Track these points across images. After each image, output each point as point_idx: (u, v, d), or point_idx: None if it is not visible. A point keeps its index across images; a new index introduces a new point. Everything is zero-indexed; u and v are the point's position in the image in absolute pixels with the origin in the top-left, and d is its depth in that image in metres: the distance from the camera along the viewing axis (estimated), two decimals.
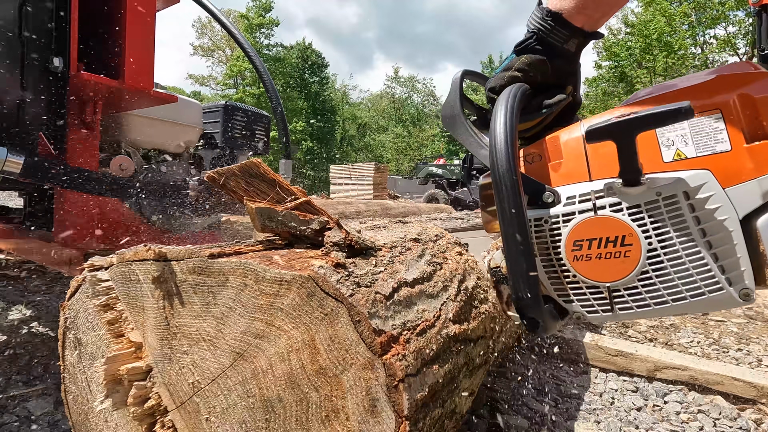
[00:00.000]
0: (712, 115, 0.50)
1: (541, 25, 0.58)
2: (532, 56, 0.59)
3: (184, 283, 0.53)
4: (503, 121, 0.51)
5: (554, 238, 0.54)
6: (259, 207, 0.55)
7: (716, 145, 0.49)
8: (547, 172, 0.57)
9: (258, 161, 0.58)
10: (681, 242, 0.49)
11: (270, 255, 0.53)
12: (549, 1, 0.59)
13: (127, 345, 0.58)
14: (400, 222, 0.97)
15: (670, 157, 0.51)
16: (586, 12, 0.56)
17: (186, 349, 0.54)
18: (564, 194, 0.54)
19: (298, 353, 0.48)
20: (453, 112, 0.66)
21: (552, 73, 0.60)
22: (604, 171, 0.53)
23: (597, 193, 0.52)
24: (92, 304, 0.60)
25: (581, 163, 0.55)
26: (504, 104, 0.53)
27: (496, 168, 0.49)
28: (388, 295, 0.54)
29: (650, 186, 0.49)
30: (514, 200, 0.49)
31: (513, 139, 0.50)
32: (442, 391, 0.59)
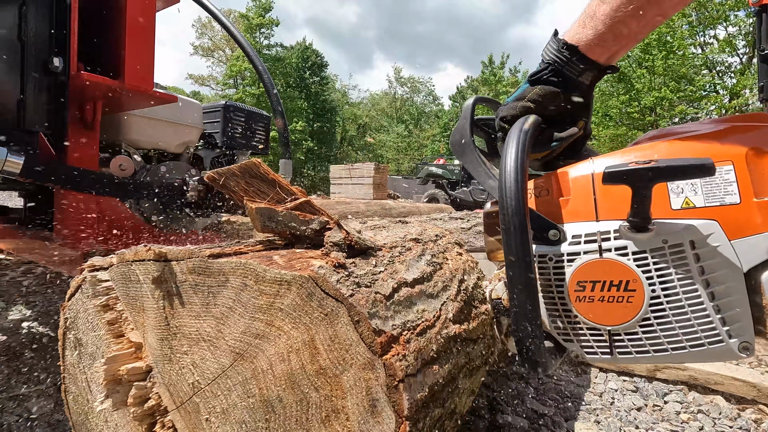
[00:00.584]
0: (724, 166, 0.50)
1: (557, 57, 0.58)
2: (546, 87, 0.59)
3: (184, 283, 0.53)
4: (514, 158, 0.51)
5: (558, 276, 0.54)
6: (259, 207, 0.55)
7: (725, 196, 0.49)
8: (554, 208, 0.56)
9: (258, 161, 0.58)
10: (684, 292, 0.49)
11: (270, 255, 0.53)
12: (566, 33, 0.59)
13: (127, 345, 0.58)
14: (401, 222, 0.97)
15: (678, 204, 0.51)
16: (605, 45, 0.55)
17: (186, 349, 0.54)
18: (570, 232, 0.54)
19: (298, 353, 0.48)
20: (463, 140, 0.65)
21: (565, 105, 0.59)
22: (611, 212, 0.52)
23: (603, 235, 0.52)
24: (92, 304, 0.60)
25: (589, 202, 0.54)
26: (516, 140, 0.53)
27: (505, 206, 0.49)
28: (388, 295, 0.54)
29: (658, 233, 0.49)
30: (521, 242, 0.48)
31: (524, 177, 0.50)
32: (443, 392, 0.59)
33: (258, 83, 22.65)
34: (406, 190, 11.07)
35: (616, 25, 0.53)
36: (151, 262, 0.55)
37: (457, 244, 0.93)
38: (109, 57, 1.35)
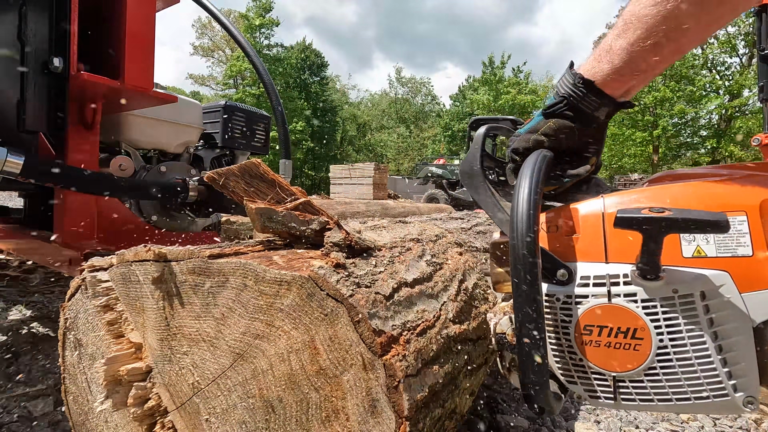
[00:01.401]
0: (737, 217, 0.49)
1: (572, 91, 0.57)
2: (561, 122, 0.58)
3: (184, 283, 0.53)
4: (527, 196, 0.50)
5: (565, 317, 0.53)
6: (259, 207, 0.55)
7: (738, 248, 0.49)
8: (563, 245, 0.55)
9: (258, 162, 0.58)
10: (692, 343, 0.48)
11: (270, 255, 0.52)
12: (582, 66, 0.58)
13: (127, 346, 0.58)
14: (401, 222, 0.97)
15: (690, 252, 0.50)
16: (622, 79, 0.54)
17: (186, 349, 0.54)
18: (578, 273, 0.53)
19: (298, 354, 0.48)
20: (473, 170, 0.64)
21: (578, 140, 0.59)
22: (621, 255, 0.52)
23: (612, 279, 0.51)
24: (92, 304, 0.60)
25: (599, 242, 0.53)
26: (529, 177, 0.52)
27: (516, 245, 0.48)
28: (388, 295, 0.54)
29: (668, 282, 0.48)
30: (532, 285, 0.47)
31: (536, 216, 0.49)
32: (443, 392, 0.59)
33: (258, 83, 22.65)
34: (406, 190, 11.07)
35: (633, 59, 0.52)
36: (151, 262, 0.55)
37: (457, 244, 0.93)
38: (109, 57, 1.35)
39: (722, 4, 0.47)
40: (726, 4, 0.47)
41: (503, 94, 26.68)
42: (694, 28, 0.48)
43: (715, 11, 0.47)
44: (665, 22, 0.48)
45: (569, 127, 0.58)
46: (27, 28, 1.21)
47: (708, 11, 0.47)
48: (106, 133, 1.61)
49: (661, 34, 0.49)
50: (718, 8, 0.47)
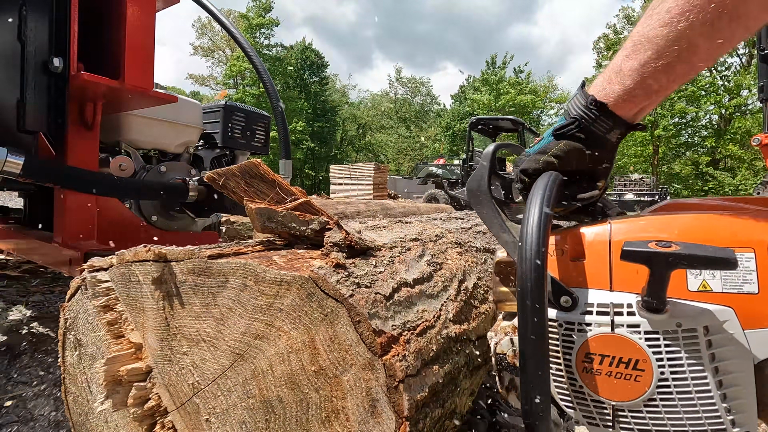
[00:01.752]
0: (745, 254, 0.49)
1: (584, 114, 0.56)
2: (572, 144, 0.57)
3: (183, 283, 0.53)
4: (536, 221, 0.49)
5: (566, 343, 0.53)
6: (258, 207, 0.55)
7: (744, 285, 0.48)
8: (568, 269, 0.55)
9: (258, 162, 0.58)
10: (693, 377, 0.48)
11: (270, 255, 0.52)
12: (592, 87, 0.57)
13: (127, 346, 0.58)
14: (400, 222, 0.97)
15: (695, 286, 0.49)
16: (634, 100, 0.53)
17: (186, 350, 0.54)
18: (582, 299, 0.53)
19: (298, 354, 0.48)
20: (480, 188, 0.64)
21: (589, 163, 0.58)
22: (626, 284, 0.51)
23: (616, 308, 0.51)
24: (92, 305, 0.60)
25: (604, 269, 0.53)
26: (539, 201, 0.51)
27: (523, 271, 0.47)
28: (388, 295, 0.54)
29: (672, 315, 0.48)
30: (537, 312, 0.46)
31: (545, 242, 0.48)
32: (443, 392, 0.59)
33: (258, 83, 22.65)
34: (406, 190, 11.07)
35: (645, 80, 0.51)
36: (150, 262, 0.55)
37: (457, 244, 0.93)
38: (109, 57, 1.35)
39: (734, 24, 0.45)
40: (738, 24, 0.45)
41: (503, 94, 26.69)
42: (706, 49, 0.47)
43: (726, 31, 0.46)
44: (676, 43, 0.47)
45: (580, 150, 0.57)
46: (27, 28, 1.21)
47: (719, 31, 0.46)
48: (106, 133, 1.61)
49: (672, 54, 0.48)
50: (729, 28, 0.45)
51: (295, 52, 26.79)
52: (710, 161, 19.92)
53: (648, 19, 0.50)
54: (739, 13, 0.44)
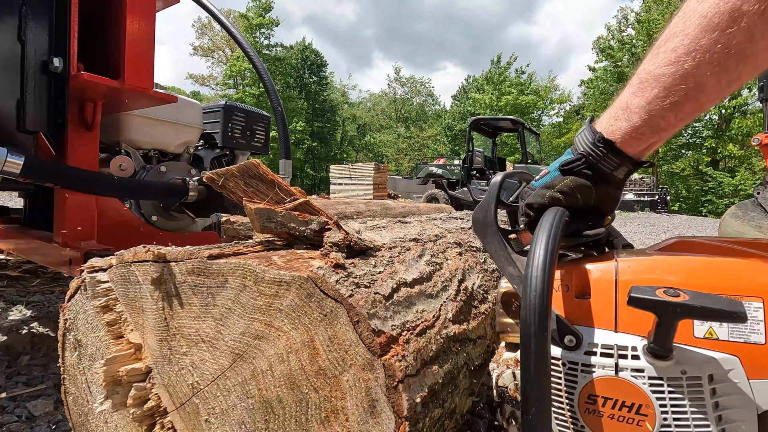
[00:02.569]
0: (753, 302, 0.48)
1: (591, 150, 0.55)
2: (578, 180, 0.56)
3: (183, 284, 0.53)
4: (542, 259, 0.48)
5: (569, 383, 0.52)
6: (258, 208, 0.55)
7: (751, 334, 0.48)
8: (573, 306, 0.54)
9: (257, 162, 0.57)
10: (695, 425, 0.48)
11: (269, 256, 0.52)
12: (600, 124, 0.56)
13: (126, 346, 0.58)
14: (400, 222, 0.97)
15: (701, 333, 0.49)
16: (641, 138, 0.52)
17: (185, 350, 0.54)
18: (586, 338, 0.52)
19: (298, 354, 0.48)
20: (486, 219, 0.63)
21: (595, 199, 0.57)
22: (631, 326, 0.51)
23: (621, 350, 0.50)
24: (92, 305, 0.60)
25: (609, 309, 0.52)
26: (545, 238, 0.50)
27: (528, 311, 0.47)
28: (387, 295, 0.54)
29: (678, 362, 0.48)
30: (541, 352, 0.46)
31: (550, 280, 0.48)
32: (442, 392, 0.59)
33: (258, 83, 22.65)
34: (406, 190, 11.08)
35: (653, 118, 0.50)
36: (150, 263, 0.55)
37: (456, 244, 0.93)
38: (109, 57, 1.35)
39: (742, 64, 0.44)
40: (746, 64, 0.44)
41: (506, 94, 26.72)
42: (714, 88, 0.46)
43: (734, 71, 0.45)
44: (683, 82, 0.46)
45: (587, 186, 0.56)
46: (27, 28, 1.21)
47: (727, 71, 0.45)
48: (106, 133, 1.61)
49: (680, 93, 0.47)
50: (737, 69, 0.44)
51: (295, 52, 26.81)
52: (710, 162, 19.91)
53: (654, 57, 0.49)
54: (746, 53, 0.43)
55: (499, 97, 26.70)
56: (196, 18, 27.91)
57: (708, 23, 0.43)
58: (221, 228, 2.10)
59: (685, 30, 0.45)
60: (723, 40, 0.43)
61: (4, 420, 1.02)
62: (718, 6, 0.43)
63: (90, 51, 1.35)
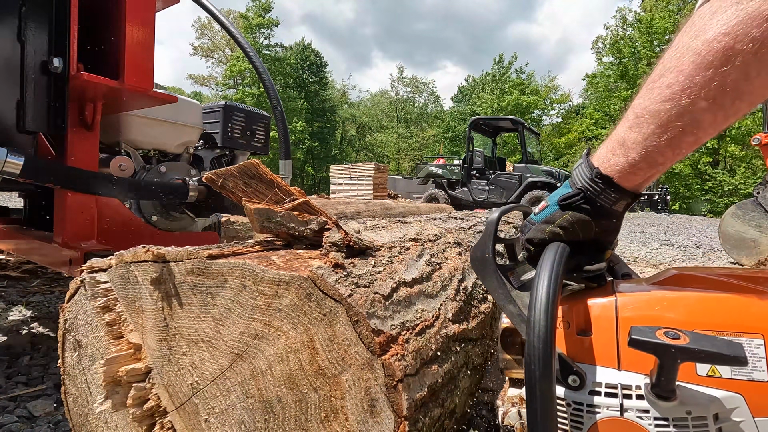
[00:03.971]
0: (754, 339, 0.48)
1: (589, 186, 0.55)
2: (578, 215, 0.57)
3: (182, 284, 0.53)
4: (545, 298, 0.48)
5: (575, 424, 0.52)
6: (257, 208, 0.55)
7: (753, 372, 0.48)
8: (574, 344, 0.54)
9: (257, 162, 0.57)
10: None
11: (269, 256, 0.52)
12: (598, 158, 0.56)
13: (126, 346, 0.58)
14: (400, 222, 0.97)
15: (704, 371, 0.49)
16: (639, 172, 0.52)
17: (185, 350, 0.54)
18: (590, 377, 0.52)
19: (297, 354, 0.48)
20: (485, 258, 0.62)
21: (595, 233, 0.58)
22: (634, 365, 0.51)
23: (625, 389, 0.50)
24: (91, 305, 0.60)
25: (611, 347, 0.52)
26: (547, 276, 0.50)
27: (532, 352, 0.46)
28: (386, 295, 0.54)
29: (682, 402, 0.47)
30: (546, 394, 0.45)
31: (554, 322, 0.47)
32: (442, 391, 0.59)
33: (258, 83, 22.65)
34: (406, 190, 11.07)
35: (650, 154, 0.50)
36: (149, 263, 0.55)
37: (456, 243, 0.93)
38: (108, 57, 1.35)
39: (738, 101, 0.44)
40: (742, 101, 0.44)
41: (508, 94, 26.74)
42: (711, 123, 0.46)
43: (730, 108, 0.45)
44: (679, 119, 0.46)
45: (586, 221, 0.56)
46: (27, 29, 1.21)
47: (723, 108, 0.45)
48: (106, 133, 1.61)
49: (677, 129, 0.47)
50: (733, 105, 0.44)
51: (294, 52, 26.83)
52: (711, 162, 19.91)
53: (649, 92, 0.49)
54: (742, 91, 0.43)
55: (500, 97, 26.73)
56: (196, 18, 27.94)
57: (702, 61, 0.43)
58: (221, 228, 2.10)
59: (680, 66, 0.45)
60: (718, 78, 0.43)
61: (4, 420, 1.02)
62: (711, 44, 0.42)
63: (90, 51, 1.35)
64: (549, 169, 9.34)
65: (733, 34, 0.41)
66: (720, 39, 0.42)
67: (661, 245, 5.58)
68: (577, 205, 0.56)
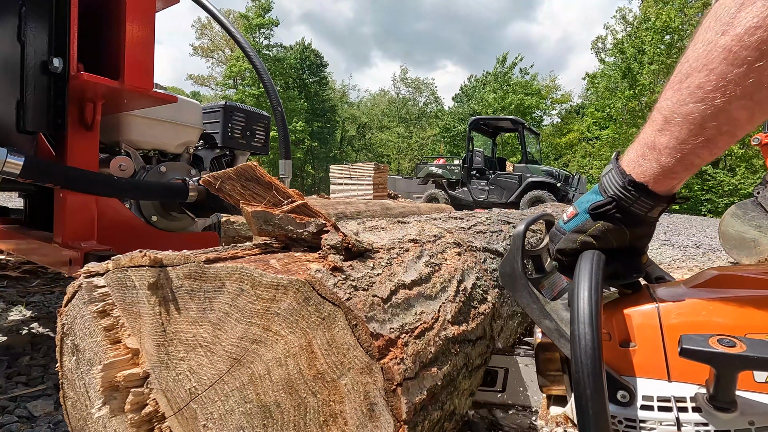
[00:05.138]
0: None
1: (622, 195, 0.53)
2: (610, 224, 0.55)
3: (180, 288, 0.53)
4: (588, 312, 0.45)
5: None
6: (255, 211, 0.55)
7: None
8: (618, 356, 0.51)
9: (254, 165, 0.57)
10: None
11: (267, 259, 0.52)
12: (627, 162, 0.54)
13: (124, 351, 0.58)
14: (399, 222, 0.97)
15: (763, 378, 0.46)
16: (674, 176, 0.50)
17: (183, 355, 0.54)
18: (639, 391, 0.49)
19: (296, 358, 0.48)
20: (514, 272, 0.61)
21: (630, 240, 0.56)
22: (686, 375, 0.48)
23: (679, 402, 0.47)
24: (89, 310, 0.60)
25: (658, 357, 0.49)
26: (587, 289, 0.48)
27: (581, 369, 0.44)
28: (385, 298, 0.54)
29: (743, 412, 0.45)
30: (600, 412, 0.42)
31: (599, 334, 0.45)
32: (441, 394, 0.59)
33: (258, 83, 22.65)
34: (406, 190, 11.06)
35: (686, 156, 0.48)
36: (146, 268, 0.55)
37: (455, 244, 0.93)
38: (108, 57, 1.34)
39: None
40: None
41: (511, 94, 26.74)
42: (748, 119, 0.44)
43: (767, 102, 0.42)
44: (715, 119, 0.44)
45: (620, 230, 0.55)
46: (27, 29, 1.20)
47: (760, 103, 0.42)
48: (106, 133, 1.61)
49: (712, 130, 0.45)
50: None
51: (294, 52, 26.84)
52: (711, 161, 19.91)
53: (677, 93, 0.46)
54: None
55: (503, 98, 26.72)
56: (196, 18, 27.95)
57: (734, 58, 0.41)
58: (221, 228, 2.10)
59: (709, 65, 0.43)
60: (753, 74, 0.41)
61: (4, 420, 1.02)
62: (743, 39, 0.40)
63: (90, 51, 1.34)
64: (549, 169, 9.34)
65: (765, 27, 0.39)
66: (752, 32, 0.39)
67: (661, 245, 5.57)
68: (610, 214, 0.54)
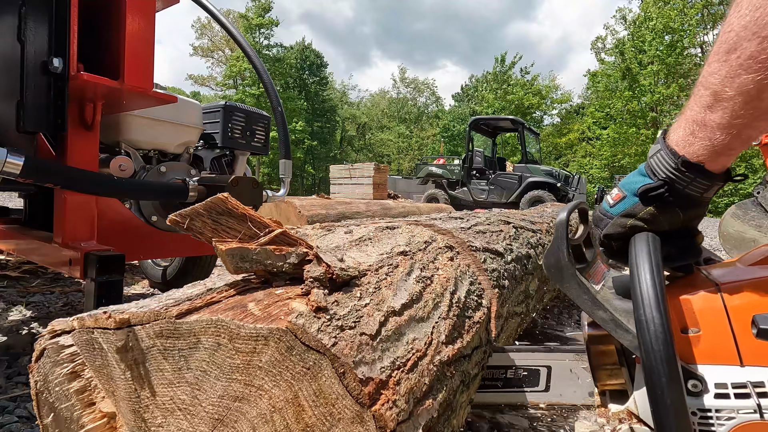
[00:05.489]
0: None
1: (676, 176, 0.50)
2: (664, 207, 0.52)
3: (151, 349, 0.48)
4: (653, 298, 0.43)
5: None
6: (229, 248, 0.49)
7: None
8: (680, 343, 0.48)
9: (225, 196, 0.51)
10: None
11: (245, 303, 0.48)
12: (675, 141, 0.51)
13: (99, 416, 0.53)
14: (388, 229, 0.90)
15: None
16: (731, 152, 0.48)
17: (161, 420, 0.49)
18: (710, 379, 0.46)
19: (282, 413, 0.44)
20: (560, 263, 0.57)
21: (683, 222, 0.53)
22: (760, 357, 0.45)
23: (757, 387, 0.44)
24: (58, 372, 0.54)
25: (727, 341, 0.46)
26: (649, 275, 0.45)
27: (654, 361, 0.41)
28: (374, 334, 0.51)
29: None
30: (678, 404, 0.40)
31: (669, 319, 0.42)
32: (438, 422, 0.57)
33: (258, 83, 22.54)
34: (406, 190, 11.04)
35: (742, 131, 0.45)
36: (112, 330, 0.49)
37: (447, 247, 0.89)
38: (108, 57, 1.34)
39: None
40: None
41: (510, 94, 26.62)
42: None
43: None
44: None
45: (674, 213, 0.52)
46: (27, 29, 1.20)
47: None
48: (106, 133, 1.60)
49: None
50: None
51: (294, 52, 26.73)
52: None
53: (725, 66, 0.44)
54: None
55: (503, 97, 26.61)
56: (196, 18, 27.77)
57: None
58: None
59: (761, 32, 0.40)
60: None
61: (4, 420, 1.02)
62: None
63: (90, 51, 1.34)
64: (549, 169, 9.32)
65: None
66: None
67: None
68: (664, 197, 0.52)
